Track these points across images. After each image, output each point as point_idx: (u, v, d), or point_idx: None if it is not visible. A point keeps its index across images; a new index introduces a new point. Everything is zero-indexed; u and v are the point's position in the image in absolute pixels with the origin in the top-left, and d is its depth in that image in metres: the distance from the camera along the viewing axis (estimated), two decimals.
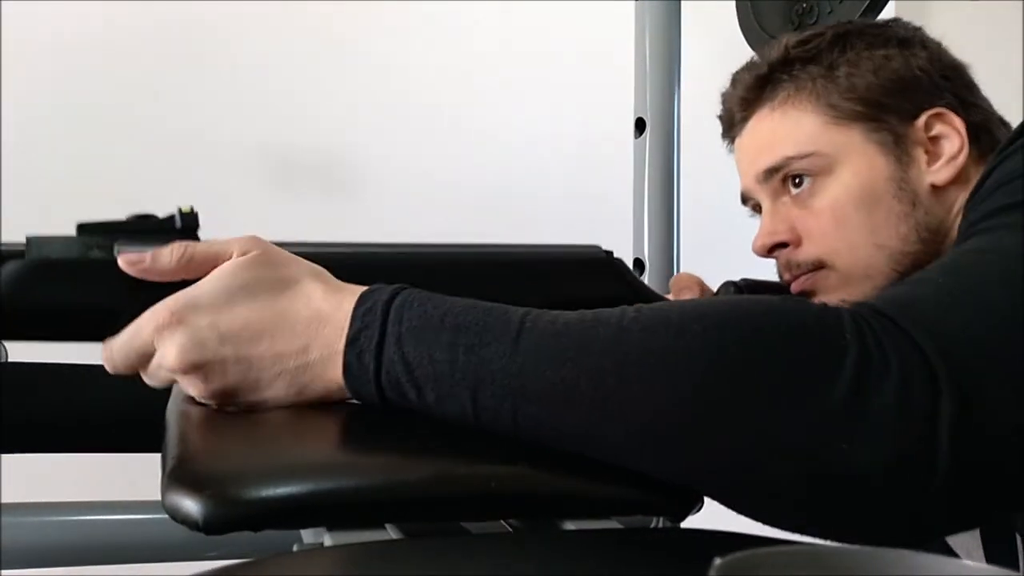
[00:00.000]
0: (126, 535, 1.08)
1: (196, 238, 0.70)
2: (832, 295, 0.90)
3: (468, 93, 2.01)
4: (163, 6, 1.81)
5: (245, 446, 0.57)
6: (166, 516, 0.49)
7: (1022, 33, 1.71)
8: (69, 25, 1.78)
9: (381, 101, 1.96)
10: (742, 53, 1.20)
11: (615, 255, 0.86)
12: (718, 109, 1.01)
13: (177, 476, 0.51)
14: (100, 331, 0.64)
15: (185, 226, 0.70)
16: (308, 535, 0.56)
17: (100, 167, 1.79)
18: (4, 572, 1.02)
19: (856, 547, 0.34)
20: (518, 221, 1.96)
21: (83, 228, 0.68)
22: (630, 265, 1.19)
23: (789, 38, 0.94)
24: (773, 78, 0.93)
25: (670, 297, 0.95)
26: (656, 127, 1.20)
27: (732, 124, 0.98)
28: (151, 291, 0.63)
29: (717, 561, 0.32)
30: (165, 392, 0.68)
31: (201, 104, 1.86)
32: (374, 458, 0.56)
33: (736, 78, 0.97)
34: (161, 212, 0.71)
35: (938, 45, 0.94)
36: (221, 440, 0.58)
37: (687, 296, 0.92)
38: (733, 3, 1.25)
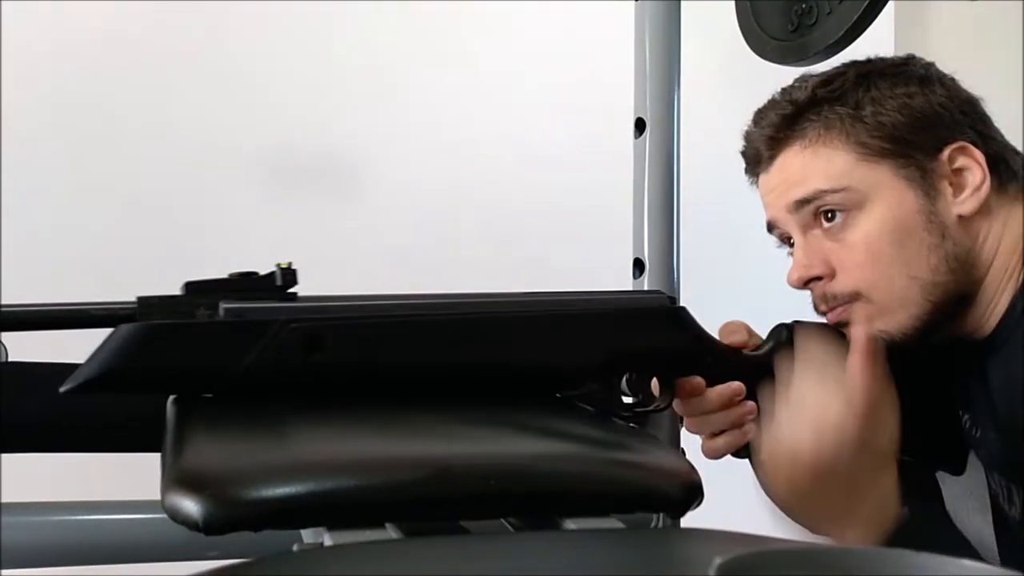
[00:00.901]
0: (126, 535, 1.08)
1: (294, 295, 0.74)
2: (868, 326, 0.91)
3: (468, 93, 2.01)
4: (164, 7, 1.81)
5: (245, 446, 0.57)
6: (166, 516, 0.49)
7: (1022, 33, 1.71)
8: (68, 26, 1.78)
9: (381, 101, 1.96)
10: (742, 53, 1.20)
11: (679, 303, 0.88)
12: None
13: (177, 476, 0.51)
14: (208, 388, 0.68)
15: (285, 282, 0.74)
16: (308, 535, 0.56)
17: (100, 168, 1.79)
18: (4, 572, 1.02)
19: (856, 547, 0.34)
20: (518, 221, 1.96)
21: (189, 287, 0.72)
22: (630, 265, 1.19)
23: (813, 79, 0.97)
24: (801, 117, 0.95)
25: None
26: (656, 127, 1.20)
27: (758, 161, 0.99)
28: (261, 352, 0.67)
29: (717, 561, 0.32)
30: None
31: (201, 105, 1.86)
32: (374, 458, 0.56)
33: (760, 117, 0.99)
34: (163, 213, 0.72)
35: (952, 80, 0.96)
36: (221, 440, 0.58)
37: (736, 339, 0.92)
38: (733, 3, 1.25)
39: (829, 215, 0.93)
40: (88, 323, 0.73)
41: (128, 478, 1.07)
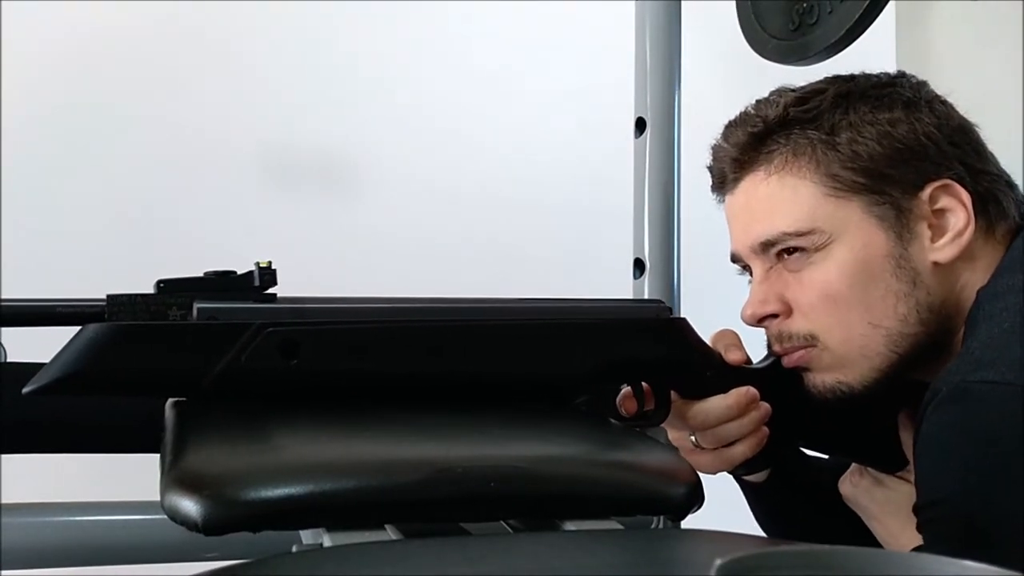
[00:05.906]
0: (126, 535, 1.08)
1: (273, 295, 0.71)
2: (827, 375, 0.87)
3: (468, 93, 2.01)
4: (162, 6, 1.81)
5: (244, 447, 0.57)
6: (165, 516, 0.49)
7: (1022, 33, 1.71)
8: (68, 25, 1.78)
9: (381, 100, 1.96)
10: (742, 53, 1.20)
11: (677, 314, 0.84)
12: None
13: (176, 477, 0.51)
14: (179, 392, 0.65)
15: (263, 283, 0.70)
16: (307, 535, 0.56)
17: (99, 168, 1.79)
18: (4, 572, 1.02)
19: (855, 548, 0.34)
20: (518, 220, 1.96)
21: (162, 286, 0.69)
22: (630, 265, 1.19)
23: (788, 95, 0.89)
24: (769, 139, 0.88)
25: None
26: (656, 127, 1.20)
27: (723, 182, 0.93)
28: (235, 357, 0.64)
29: (718, 561, 0.32)
30: None
31: (201, 104, 1.86)
32: (374, 459, 0.56)
33: (728, 133, 0.92)
34: (162, 212, 0.72)
35: (944, 104, 0.89)
36: (220, 441, 0.58)
37: (735, 355, 0.88)
38: (733, 3, 1.25)
39: (791, 250, 0.87)
40: (53, 321, 0.69)
41: (128, 478, 1.07)
